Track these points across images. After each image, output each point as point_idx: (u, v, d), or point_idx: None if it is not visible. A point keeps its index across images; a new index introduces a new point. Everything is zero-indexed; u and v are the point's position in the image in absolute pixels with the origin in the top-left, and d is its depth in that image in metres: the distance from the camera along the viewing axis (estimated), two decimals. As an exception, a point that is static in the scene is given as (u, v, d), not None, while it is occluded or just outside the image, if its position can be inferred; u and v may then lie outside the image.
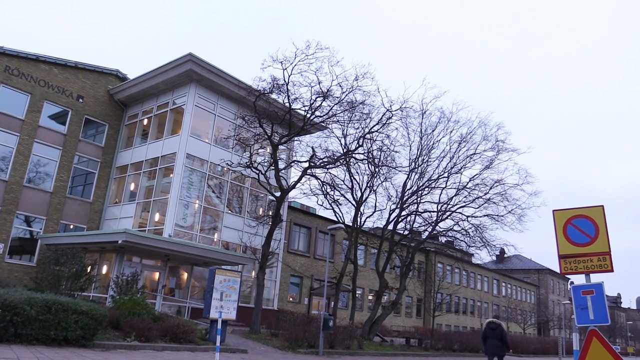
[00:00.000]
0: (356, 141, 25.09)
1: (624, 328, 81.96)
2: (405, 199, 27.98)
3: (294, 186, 24.13)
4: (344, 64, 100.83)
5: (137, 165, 26.32)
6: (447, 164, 28.16)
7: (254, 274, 25.51)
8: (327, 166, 24.19)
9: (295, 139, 24.39)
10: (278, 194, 23.66)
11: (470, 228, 27.96)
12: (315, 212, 33.71)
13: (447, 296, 44.47)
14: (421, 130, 28.09)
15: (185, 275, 23.79)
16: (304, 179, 23.89)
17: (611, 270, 5.60)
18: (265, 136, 22.68)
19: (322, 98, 22.08)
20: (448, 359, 26.88)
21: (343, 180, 27.23)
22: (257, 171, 22.47)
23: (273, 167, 22.59)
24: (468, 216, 28.08)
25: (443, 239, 37.98)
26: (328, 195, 26.57)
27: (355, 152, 25.10)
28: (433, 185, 28.32)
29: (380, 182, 27.77)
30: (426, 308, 44.23)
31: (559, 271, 6.01)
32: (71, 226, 25.26)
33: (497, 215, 27.48)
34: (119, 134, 27.83)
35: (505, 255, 55.64)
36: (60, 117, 25.58)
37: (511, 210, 27.16)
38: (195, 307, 22.38)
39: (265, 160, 26.56)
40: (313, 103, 22.21)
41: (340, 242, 34.24)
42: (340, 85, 22.06)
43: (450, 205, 28.18)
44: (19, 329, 10.59)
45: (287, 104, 22.01)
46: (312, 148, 24.19)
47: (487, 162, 27.61)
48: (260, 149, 26.23)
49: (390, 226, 28.51)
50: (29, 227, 23.86)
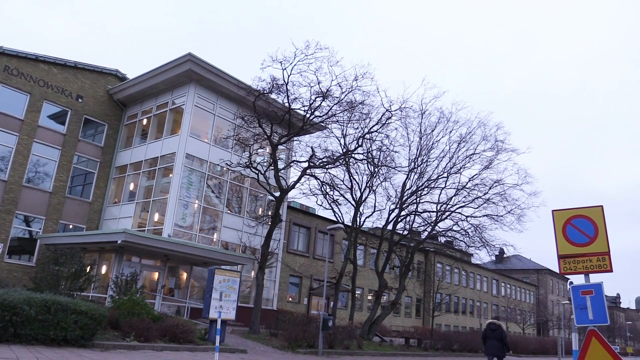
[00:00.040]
0: (355, 141, 25.11)
1: (623, 328, 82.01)
2: (404, 199, 28.00)
3: (293, 186, 24.14)
4: (344, 64, 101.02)
5: (137, 165, 26.30)
6: (447, 164, 28.23)
7: (253, 274, 25.51)
8: (327, 166, 24.19)
9: (295, 139, 24.39)
10: (277, 194, 23.66)
11: (469, 228, 28.01)
12: (315, 212, 33.71)
13: (447, 296, 44.50)
14: (420, 130, 28.14)
15: (184, 275, 23.78)
16: (303, 179, 23.93)
17: (610, 270, 5.61)
18: (265, 136, 22.67)
19: (322, 98, 22.08)
20: (447, 359, 26.89)
21: (342, 180, 27.28)
22: (257, 171, 22.47)
23: (272, 167, 22.59)
24: (467, 216, 28.14)
25: (442, 239, 38.01)
26: (327, 195, 26.60)
27: (355, 152, 25.12)
28: (432, 186, 28.37)
29: (379, 182, 27.82)
30: (425, 308, 44.23)
31: (558, 271, 6.01)
32: (70, 226, 25.25)
33: (497, 215, 27.54)
34: (118, 133, 27.82)
35: (504, 255, 55.74)
36: (59, 117, 25.56)
37: (510, 210, 27.25)
38: (194, 307, 22.38)
39: (265, 160, 26.56)
40: (312, 103, 22.22)
41: (339, 242, 34.23)
42: (339, 85, 22.09)
43: (449, 206, 28.23)
44: (18, 329, 10.60)
45: (287, 104, 22.01)
46: (312, 148, 24.22)
47: (487, 162, 27.69)
48: (260, 148, 26.24)
49: (390, 226, 28.54)
50: (28, 227, 23.84)
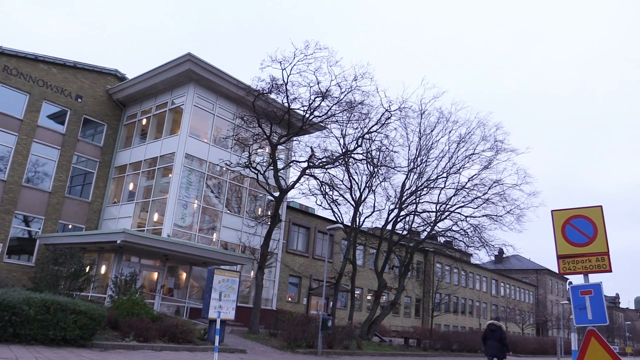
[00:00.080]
0: (355, 141, 25.12)
1: (623, 328, 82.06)
2: (404, 199, 28.01)
3: (292, 186, 24.14)
4: (343, 64, 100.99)
5: (136, 165, 26.29)
6: (446, 164, 28.25)
7: (252, 274, 25.50)
8: (326, 166, 24.21)
9: (294, 139, 24.38)
10: (277, 194, 23.66)
11: (469, 228, 28.05)
12: (314, 212, 33.71)
13: (446, 296, 44.53)
14: (420, 130, 28.16)
15: (183, 275, 23.78)
16: (302, 179, 23.95)
17: (609, 270, 5.61)
18: (264, 136, 22.67)
19: (321, 98, 22.08)
20: (447, 359, 26.90)
21: (342, 180, 27.31)
22: (256, 171, 22.46)
23: (272, 167, 22.60)
24: (467, 216, 28.17)
25: (442, 239, 37.99)
26: (327, 195, 26.62)
27: (354, 152, 25.13)
28: (432, 186, 28.39)
29: (379, 182, 27.84)
30: (425, 308, 44.24)
31: (557, 271, 6.02)
32: (70, 226, 25.24)
33: (496, 215, 27.58)
34: (118, 133, 27.80)
35: (504, 255, 55.79)
36: (58, 117, 25.55)
37: (510, 210, 27.30)
38: (193, 307, 22.37)
39: (264, 160, 26.56)
40: (312, 103, 22.22)
41: (339, 242, 34.25)
42: (339, 86, 22.08)
43: (449, 206, 28.26)
44: (18, 329, 10.59)
45: (286, 104, 22.01)
46: (311, 148, 24.24)
47: (486, 163, 27.72)
48: (259, 148, 26.24)
49: (389, 226, 28.55)
50: (28, 227, 23.83)
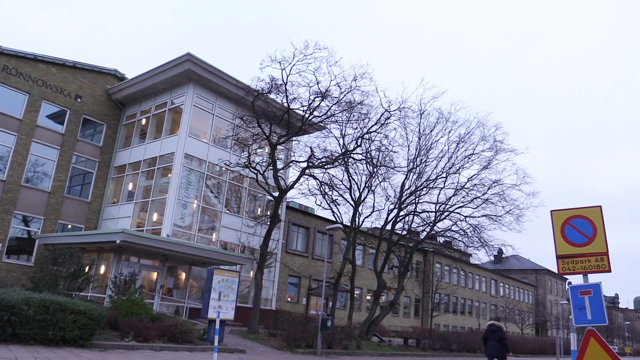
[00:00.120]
0: (354, 141, 25.14)
1: (622, 328, 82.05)
2: (403, 199, 28.02)
3: (292, 186, 24.14)
4: (343, 64, 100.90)
5: (135, 165, 26.28)
6: (446, 164, 28.27)
7: (252, 274, 25.51)
8: (326, 166, 24.21)
9: (294, 139, 24.38)
10: (276, 194, 23.66)
11: (468, 228, 28.08)
12: (314, 212, 33.71)
13: (445, 296, 44.54)
14: (419, 130, 28.17)
15: (183, 275, 23.77)
16: (302, 179, 23.94)
17: (609, 270, 5.61)
18: (264, 136, 22.67)
19: (321, 98, 22.08)
20: (446, 359, 26.91)
21: (341, 181, 27.31)
22: (256, 171, 22.46)
23: (271, 167, 22.60)
24: (466, 216, 28.19)
25: (441, 239, 38.02)
26: (326, 196, 26.62)
27: (354, 152, 25.14)
28: (431, 186, 28.41)
29: (378, 182, 27.86)
30: (424, 308, 44.25)
31: (556, 271, 6.02)
32: (69, 226, 25.22)
33: (495, 215, 27.61)
34: (117, 133, 27.79)
35: (503, 255, 55.89)
36: (58, 117, 25.53)
37: (509, 210, 27.32)
38: (193, 307, 22.36)
39: (264, 160, 26.57)
40: (311, 103, 22.23)
41: (338, 242, 34.25)
42: (338, 86, 22.10)
43: (448, 206, 28.28)
44: (17, 329, 10.59)
45: (286, 104, 22.02)
46: (311, 148, 24.23)
47: (485, 163, 27.75)
48: (259, 148, 26.24)
49: (389, 226, 28.56)
50: (27, 227, 23.82)
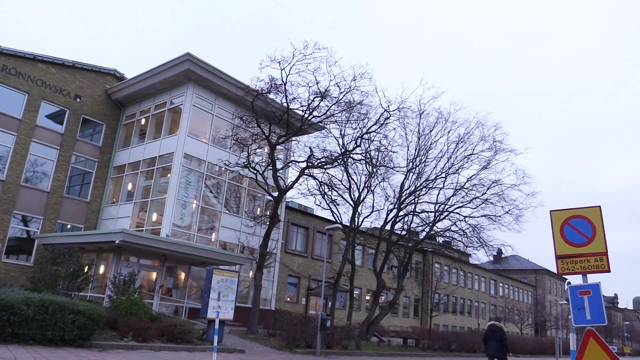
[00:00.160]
0: (354, 141, 25.14)
1: (621, 328, 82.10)
2: (402, 199, 28.03)
3: (291, 186, 24.13)
4: (342, 64, 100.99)
5: (135, 165, 26.27)
6: (445, 164, 28.28)
7: (251, 274, 25.51)
8: (325, 166, 24.22)
9: (293, 139, 24.39)
10: (276, 194, 23.66)
11: (467, 228, 28.10)
12: (313, 212, 33.72)
13: (445, 296, 44.55)
14: (419, 130, 28.19)
15: (182, 275, 23.77)
16: (301, 179, 23.92)
17: (608, 270, 5.62)
18: (263, 136, 22.67)
19: (320, 98, 22.09)
20: (445, 359, 26.92)
21: (341, 181, 27.32)
22: (255, 171, 22.46)
23: (271, 167, 22.59)
24: (465, 216, 28.20)
25: (440, 239, 38.02)
26: (326, 196, 26.64)
27: (353, 152, 25.14)
28: (430, 186, 28.41)
29: (377, 183, 27.86)
30: (424, 308, 44.25)
31: (556, 271, 6.02)
32: (68, 226, 25.21)
33: (495, 215, 27.62)
34: (117, 133, 27.78)
35: (502, 255, 55.81)
36: (57, 117, 25.52)
37: (508, 210, 27.34)
38: (192, 307, 22.36)
39: (263, 160, 26.57)
40: (311, 103, 22.22)
41: (337, 242, 34.26)
42: (338, 86, 22.10)
43: (447, 206, 28.28)
44: (16, 329, 10.59)
45: (285, 104, 22.02)
46: (310, 148, 24.23)
47: (485, 163, 27.77)
48: (258, 149, 26.24)
49: (388, 226, 28.56)
50: (26, 227, 23.80)
